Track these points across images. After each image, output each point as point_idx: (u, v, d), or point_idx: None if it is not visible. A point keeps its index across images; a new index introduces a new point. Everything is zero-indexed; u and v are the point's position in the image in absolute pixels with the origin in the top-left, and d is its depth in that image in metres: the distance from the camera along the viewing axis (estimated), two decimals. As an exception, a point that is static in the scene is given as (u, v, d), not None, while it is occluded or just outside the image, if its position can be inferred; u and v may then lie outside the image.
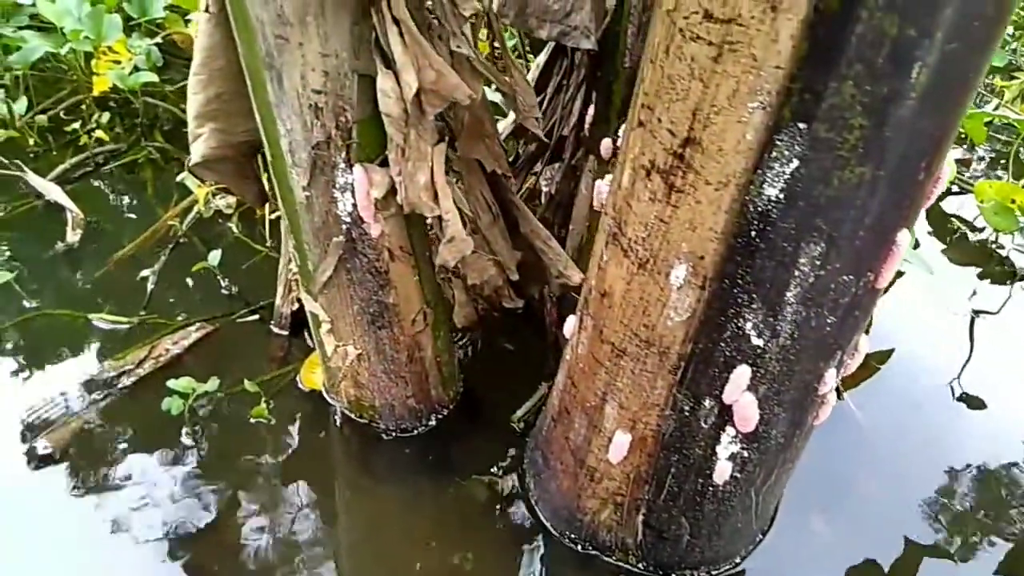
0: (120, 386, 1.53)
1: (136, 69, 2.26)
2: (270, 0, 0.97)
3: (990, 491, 1.48)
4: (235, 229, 1.98)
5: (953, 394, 1.70)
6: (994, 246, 2.12)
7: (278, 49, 1.02)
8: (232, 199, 2.03)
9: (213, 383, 1.44)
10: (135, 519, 1.32)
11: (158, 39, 2.52)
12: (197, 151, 1.30)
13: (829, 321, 0.89)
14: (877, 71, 0.69)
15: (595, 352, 1.07)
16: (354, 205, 1.15)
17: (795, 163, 0.76)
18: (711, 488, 1.09)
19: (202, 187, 2.03)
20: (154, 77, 2.24)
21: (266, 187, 1.47)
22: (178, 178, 2.05)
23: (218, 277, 1.81)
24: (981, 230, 2.20)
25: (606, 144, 1.55)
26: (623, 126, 1.01)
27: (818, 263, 0.83)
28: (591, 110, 1.59)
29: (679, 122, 0.82)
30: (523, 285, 1.56)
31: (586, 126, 1.63)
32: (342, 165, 1.12)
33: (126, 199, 2.15)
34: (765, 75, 0.72)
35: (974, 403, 1.68)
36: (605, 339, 1.04)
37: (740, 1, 0.71)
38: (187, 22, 2.52)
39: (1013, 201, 2.00)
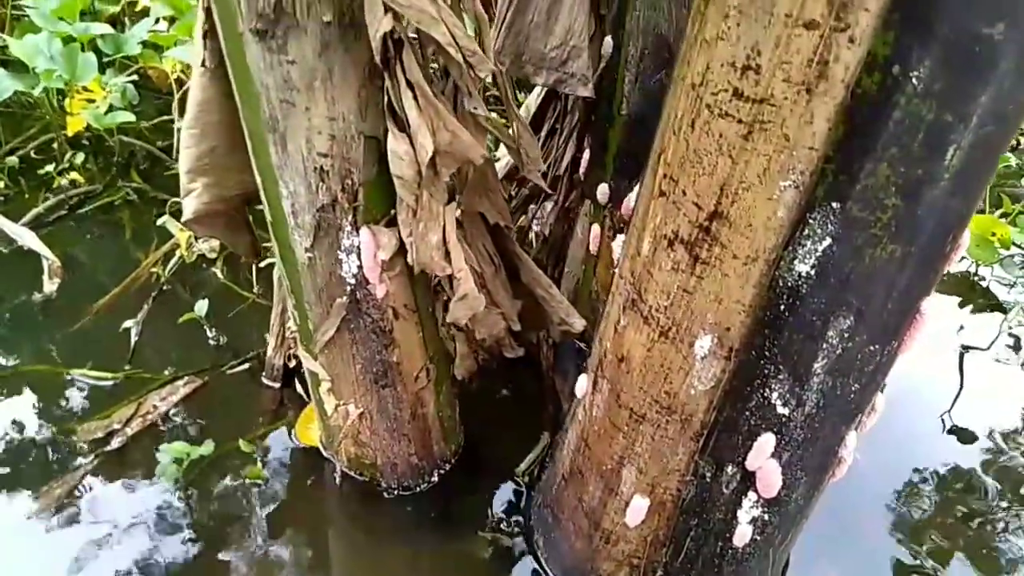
0: (108, 448, 1.47)
1: (112, 108, 2.20)
2: (276, 66, 0.94)
3: (990, 523, 1.49)
4: (220, 274, 1.93)
5: (944, 427, 1.72)
6: (976, 277, 2.16)
7: (283, 113, 0.99)
8: (216, 243, 1.98)
9: (208, 447, 1.39)
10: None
11: (130, 72, 2.46)
12: (189, 207, 1.26)
13: (854, 388, 0.88)
14: (913, 154, 0.68)
15: (612, 416, 1.05)
16: (359, 267, 1.12)
17: (828, 241, 0.75)
18: (730, 551, 1.07)
19: (184, 230, 1.98)
20: (131, 117, 2.18)
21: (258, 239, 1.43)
22: (159, 221, 1.99)
23: (204, 327, 1.75)
24: (960, 260, 2.24)
25: (603, 190, 1.54)
26: (637, 189, 0.99)
27: (846, 335, 0.82)
28: (586, 154, 1.59)
29: (705, 195, 0.81)
30: (521, 331, 1.54)
31: (581, 170, 1.62)
32: (348, 227, 1.09)
33: (104, 243, 2.08)
34: (798, 155, 0.72)
35: (965, 437, 1.69)
36: (623, 404, 1.02)
37: (773, 82, 0.70)
38: (162, 58, 2.47)
39: (993, 234, 2.03)
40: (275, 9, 0.90)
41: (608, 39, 1.42)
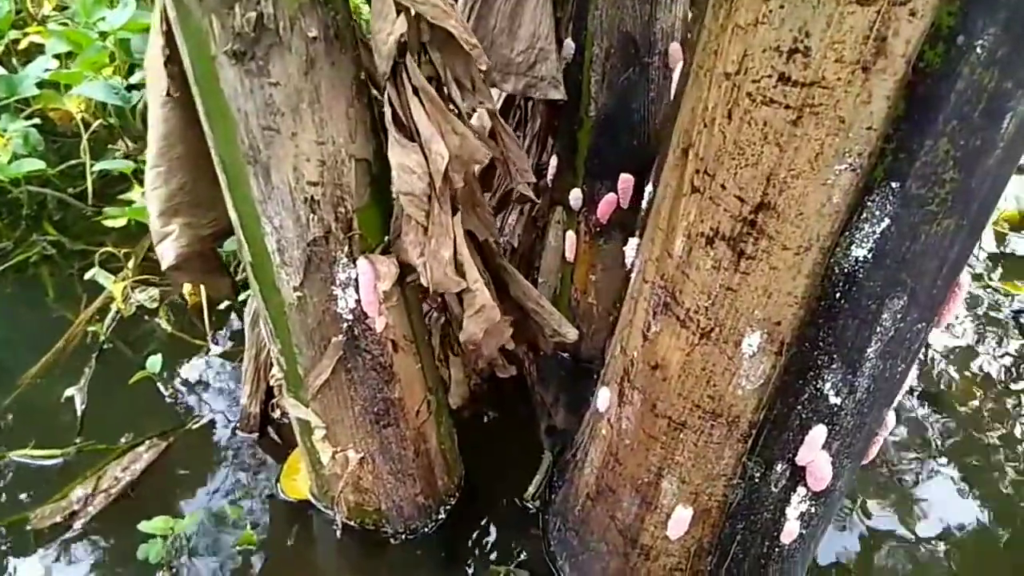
0: (70, 533, 1.31)
1: (15, 156, 1.99)
2: (257, 90, 0.85)
3: (974, 499, 1.53)
4: (166, 324, 1.77)
5: (914, 404, 1.76)
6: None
7: (265, 141, 0.89)
8: (155, 291, 1.82)
9: (192, 517, 1.25)
10: None
11: (27, 115, 2.24)
12: (169, 253, 1.14)
13: (900, 368, 0.87)
14: (973, 125, 0.67)
15: (647, 427, 1.01)
16: (357, 301, 1.03)
17: (886, 222, 0.73)
18: (777, 549, 1.04)
19: (117, 281, 1.81)
20: (40, 164, 1.98)
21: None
22: (86, 275, 1.81)
23: (158, 384, 1.60)
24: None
25: (575, 195, 1.51)
26: (658, 190, 0.95)
27: (899, 316, 0.80)
28: (553, 160, 1.55)
29: (749, 188, 0.77)
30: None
31: (548, 176, 1.58)
32: (343, 260, 1.00)
33: (25, 305, 1.87)
34: (855, 137, 0.69)
35: (939, 410, 1.73)
36: (660, 413, 0.98)
37: (824, 63, 0.67)
38: (65, 97, 2.26)
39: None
40: (255, 27, 0.81)
41: (569, 41, 1.38)
